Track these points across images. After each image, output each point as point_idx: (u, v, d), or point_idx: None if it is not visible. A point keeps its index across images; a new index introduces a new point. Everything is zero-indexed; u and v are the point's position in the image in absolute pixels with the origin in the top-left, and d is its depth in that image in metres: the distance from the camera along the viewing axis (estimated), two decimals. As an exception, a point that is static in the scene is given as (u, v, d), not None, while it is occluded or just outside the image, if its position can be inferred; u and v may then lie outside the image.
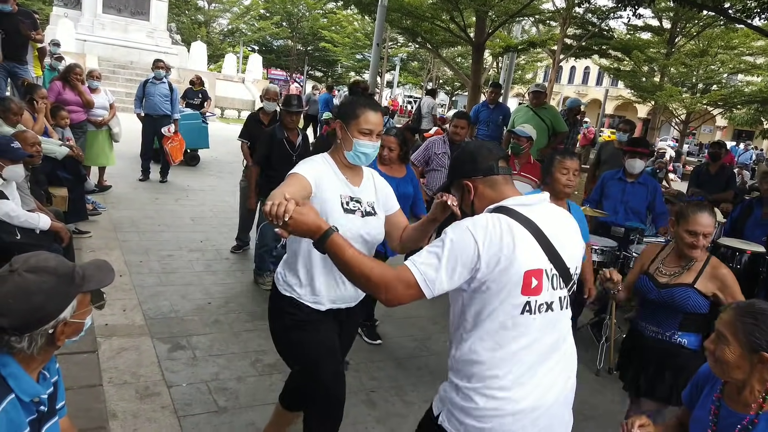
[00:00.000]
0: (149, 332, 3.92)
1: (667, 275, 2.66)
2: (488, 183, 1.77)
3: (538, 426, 1.68)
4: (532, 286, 1.61)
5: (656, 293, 2.63)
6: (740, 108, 25.20)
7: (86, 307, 1.56)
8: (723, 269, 2.60)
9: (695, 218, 2.53)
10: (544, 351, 1.69)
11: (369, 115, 2.18)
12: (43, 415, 1.55)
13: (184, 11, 32.35)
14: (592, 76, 49.32)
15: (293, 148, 4.91)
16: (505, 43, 15.69)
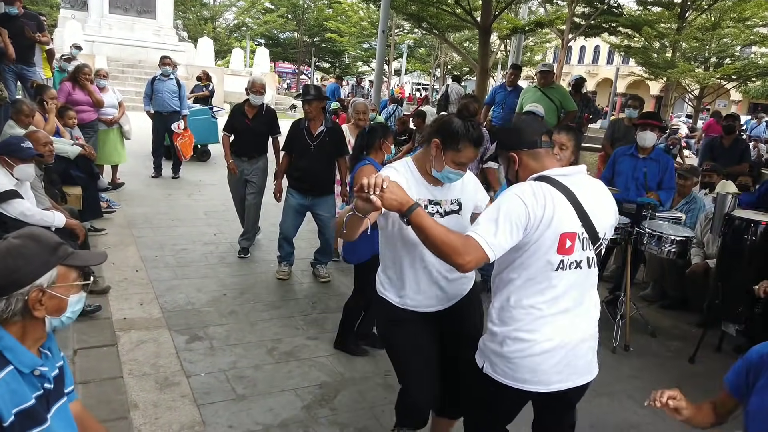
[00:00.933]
0: (167, 324, 3.97)
1: None
2: (532, 155, 1.98)
3: (563, 362, 1.92)
4: (566, 246, 1.86)
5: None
6: (755, 80, 24.75)
7: (69, 282, 1.57)
8: None
9: None
10: (571, 301, 1.92)
11: (469, 151, 2.17)
12: (49, 393, 1.57)
13: (190, 8, 32.33)
14: (602, 54, 48.63)
15: (311, 138, 4.82)
16: (512, 24, 15.50)
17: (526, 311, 1.91)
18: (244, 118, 5.41)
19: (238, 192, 5.63)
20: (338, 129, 4.99)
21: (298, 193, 4.91)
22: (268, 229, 6.48)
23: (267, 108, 5.59)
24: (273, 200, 5.33)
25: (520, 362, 1.93)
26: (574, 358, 1.94)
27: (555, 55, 36.71)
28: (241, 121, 5.39)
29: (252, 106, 5.45)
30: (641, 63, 25.06)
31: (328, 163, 4.89)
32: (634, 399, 3.56)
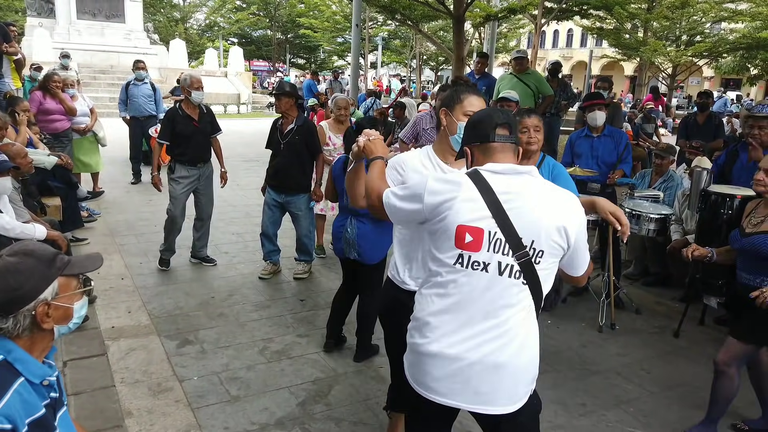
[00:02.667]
0: (156, 331, 3.96)
1: (753, 225, 2.82)
2: (482, 150, 1.85)
3: (457, 377, 1.75)
4: (466, 241, 1.72)
5: (739, 242, 2.81)
6: (726, 56, 25.10)
7: (71, 291, 1.59)
8: None
9: (762, 160, 2.78)
10: (476, 310, 1.74)
11: (472, 99, 2.21)
12: (55, 402, 1.60)
13: (160, 10, 31.95)
14: (575, 38, 48.94)
15: (281, 135, 4.78)
16: (485, 12, 15.53)
17: (425, 299, 1.84)
18: (189, 121, 4.94)
19: (181, 204, 5.04)
20: (310, 127, 4.89)
21: (273, 190, 4.92)
22: (254, 230, 6.47)
23: (205, 106, 5.18)
24: (257, 201, 5.32)
25: (414, 358, 1.85)
26: (471, 376, 1.74)
27: (529, 40, 36.89)
28: (187, 125, 4.92)
29: (193, 106, 4.98)
30: (614, 44, 25.28)
31: (299, 161, 4.80)
32: (623, 375, 3.64)
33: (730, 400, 2.93)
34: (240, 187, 8.67)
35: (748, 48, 21.82)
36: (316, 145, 4.87)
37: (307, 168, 4.90)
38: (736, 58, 26.45)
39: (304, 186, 4.90)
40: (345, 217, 3.58)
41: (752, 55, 23.87)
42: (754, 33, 21.67)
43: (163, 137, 5.00)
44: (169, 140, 4.95)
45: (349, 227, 3.52)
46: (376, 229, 3.48)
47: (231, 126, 17.46)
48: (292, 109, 4.75)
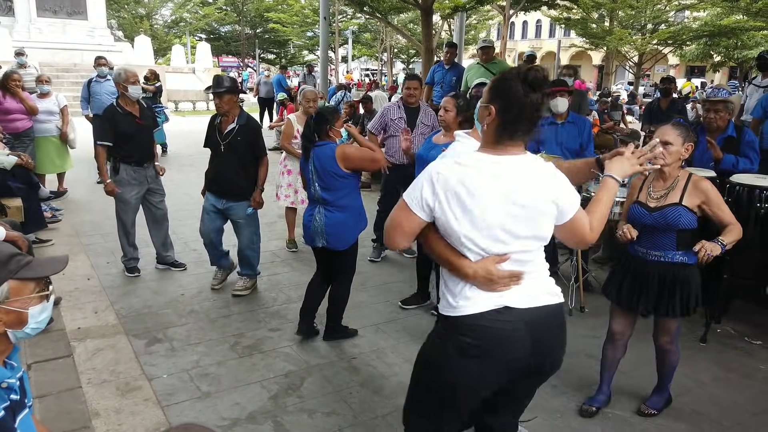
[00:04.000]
0: (124, 330, 3.89)
1: (655, 199, 2.86)
2: None
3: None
4: None
5: (650, 217, 2.83)
6: (689, 44, 25.66)
7: (25, 295, 1.52)
8: (702, 182, 2.81)
9: (658, 130, 2.84)
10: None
11: None
12: (15, 404, 1.54)
13: (124, 6, 31.28)
14: (544, 29, 49.44)
15: (221, 136, 4.34)
16: (453, 3, 15.55)
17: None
18: (131, 119, 4.65)
19: (134, 208, 4.84)
20: (253, 126, 4.43)
21: (213, 195, 4.50)
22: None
23: (144, 101, 5.05)
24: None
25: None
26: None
27: (498, 31, 37.11)
28: (131, 123, 4.63)
29: (132, 102, 4.71)
30: (581, 34, 25.66)
31: (241, 165, 4.36)
32: (594, 357, 3.68)
33: (675, 368, 3.11)
34: (210, 183, 8.57)
35: (710, 35, 22.33)
36: (260, 146, 4.43)
37: (250, 171, 4.43)
38: (699, 46, 27.08)
39: (247, 191, 4.43)
40: (313, 207, 3.65)
41: (715, 43, 24.49)
42: (715, 21, 22.17)
43: (104, 138, 4.62)
44: (112, 141, 4.59)
45: (317, 216, 3.59)
46: (344, 216, 3.58)
47: (200, 122, 17.22)
48: (235, 107, 4.35)
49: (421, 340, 2.07)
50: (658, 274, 2.86)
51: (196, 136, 5.73)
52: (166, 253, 5.07)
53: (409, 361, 3.55)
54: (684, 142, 2.78)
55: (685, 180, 2.83)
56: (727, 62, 28.62)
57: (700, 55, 29.95)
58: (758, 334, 4.06)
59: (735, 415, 3.13)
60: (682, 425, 3.03)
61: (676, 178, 2.85)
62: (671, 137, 2.76)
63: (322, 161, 3.51)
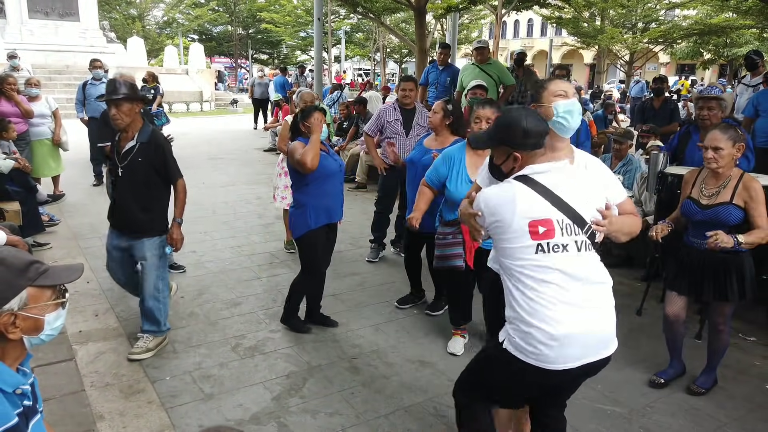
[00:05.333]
0: (125, 333, 3.91)
1: (707, 196, 3.05)
2: (531, 155, 2.04)
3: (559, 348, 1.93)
4: (540, 232, 1.92)
5: (702, 214, 3.03)
6: (680, 42, 25.84)
7: (43, 302, 1.54)
8: (753, 183, 2.97)
9: (707, 136, 3.02)
10: (568, 286, 1.94)
11: (557, 82, 2.31)
12: (28, 410, 1.57)
13: (116, 7, 31.14)
14: (536, 27, 49.55)
15: (119, 157, 3.52)
16: (445, 3, 15.60)
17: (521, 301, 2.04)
18: None
19: None
20: (158, 143, 3.48)
21: (114, 231, 3.69)
22: (222, 228, 6.42)
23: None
24: (223, 199, 5.22)
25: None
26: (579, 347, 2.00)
27: (491, 30, 37.20)
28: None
29: None
30: (573, 33, 25.78)
31: (142, 193, 3.50)
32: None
33: (726, 350, 3.32)
34: (206, 185, 8.58)
35: (700, 34, 22.47)
36: (169, 167, 3.52)
37: (156, 201, 3.57)
38: (689, 44, 27.25)
39: (150, 226, 3.56)
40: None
41: (705, 41, 24.65)
42: (705, 19, 22.34)
43: (103, 139, 4.53)
44: (110, 140, 4.40)
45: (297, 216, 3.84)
46: (296, 211, 3.86)
47: (194, 124, 17.22)
48: (136, 119, 3.45)
49: (421, 340, 2.12)
50: (714, 262, 3.03)
51: (190, 137, 5.76)
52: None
53: (410, 361, 3.61)
54: (735, 143, 2.94)
55: (737, 179, 2.99)
56: (717, 60, 28.81)
57: (690, 53, 30.16)
58: (753, 330, 4.13)
59: (731, 411, 3.19)
60: (680, 421, 3.08)
61: (729, 177, 3.00)
62: (722, 142, 2.92)
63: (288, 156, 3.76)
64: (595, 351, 1.99)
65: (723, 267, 3.03)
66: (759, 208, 2.92)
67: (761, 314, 4.05)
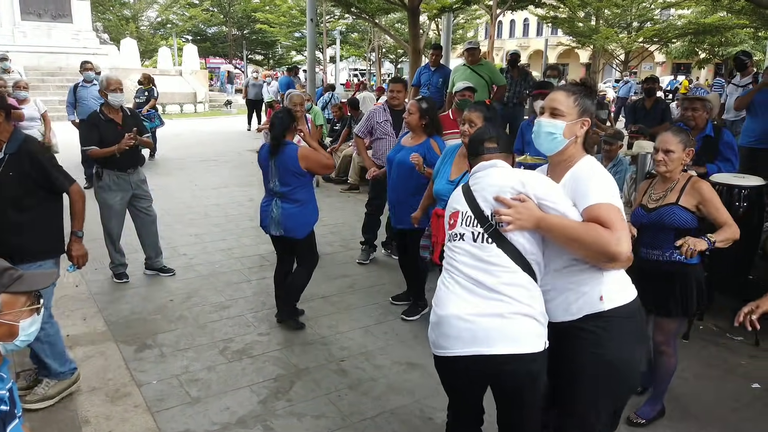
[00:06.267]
0: (113, 337, 3.91)
1: (654, 200, 2.97)
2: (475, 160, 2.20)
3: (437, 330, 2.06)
4: (451, 223, 2.14)
5: (647, 217, 2.93)
6: (675, 42, 25.90)
7: (17, 308, 1.55)
8: (701, 184, 2.89)
9: (658, 138, 2.96)
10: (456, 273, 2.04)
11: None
12: (5, 415, 1.57)
13: (109, 8, 31.08)
14: (532, 27, 49.67)
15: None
16: (440, 3, 15.62)
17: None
18: (113, 126, 4.62)
19: (119, 214, 4.79)
20: (31, 152, 3.00)
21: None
22: (213, 230, 6.41)
23: (129, 108, 4.96)
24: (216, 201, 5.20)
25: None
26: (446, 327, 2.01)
27: (486, 30, 37.23)
28: (112, 129, 4.60)
29: (115, 109, 4.69)
30: (568, 32, 25.80)
31: (14, 211, 2.98)
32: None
33: (672, 375, 3.08)
34: (198, 187, 8.58)
35: (695, 33, 22.51)
36: (52, 177, 3.07)
37: (35, 221, 3.05)
38: (684, 43, 27.32)
39: (27, 250, 3.01)
40: (270, 198, 3.97)
41: (700, 40, 24.68)
42: (699, 19, 22.40)
43: (88, 143, 4.56)
44: (96, 145, 4.56)
45: (274, 208, 3.93)
46: (300, 208, 3.92)
47: (188, 125, 17.19)
48: (3, 129, 2.97)
49: (410, 342, 2.16)
50: (659, 273, 2.91)
51: (183, 139, 5.76)
52: (156, 259, 5.06)
53: (398, 363, 3.61)
54: (685, 148, 2.87)
55: (684, 181, 2.92)
56: (713, 59, 28.89)
57: (685, 52, 30.21)
58: (739, 330, 4.09)
59: (717, 410, 3.20)
60: (665, 421, 3.09)
61: (676, 181, 2.94)
62: (672, 145, 2.86)
63: (285, 160, 3.80)
64: (472, 343, 1.93)
65: (668, 279, 2.88)
66: (715, 205, 2.82)
67: (748, 314, 4.05)
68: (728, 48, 25.76)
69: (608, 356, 1.98)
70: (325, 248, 5.84)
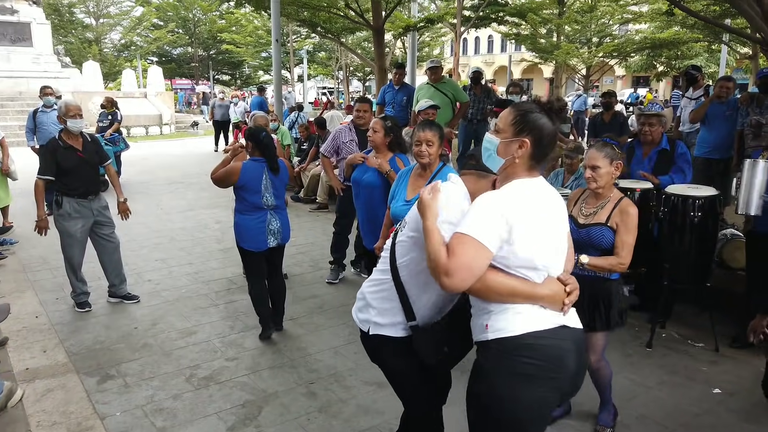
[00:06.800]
0: (74, 368, 3.80)
1: (585, 215, 2.93)
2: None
3: None
4: None
5: (576, 233, 2.82)
6: (633, 56, 26.70)
7: None
8: (629, 208, 2.86)
9: (585, 155, 2.93)
10: None
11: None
12: None
13: (71, 31, 30.66)
14: (496, 44, 50.58)
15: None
16: (404, 23, 15.84)
17: None
18: (73, 152, 4.55)
19: (80, 242, 4.70)
20: None
21: None
22: (179, 255, 6.32)
23: (89, 134, 4.86)
24: (182, 225, 5.13)
25: None
26: None
27: (452, 48, 37.82)
28: (71, 156, 4.53)
29: (74, 136, 4.60)
30: (531, 49, 26.35)
31: None
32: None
33: (610, 381, 3.11)
34: (164, 211, 8.46)
35: (652, 47, 23.23)
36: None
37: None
38: (643, 57, 28.18)
39: None
40: (263, 213, 4.12)
41: (657, 54, 25.49)
42: (656, 33, 23.17)
43: (45, 172, 4.46)
44: (53, 175, 4.48)
45: (272, 220, 4.14)
46: (287, 215, 4.32)
47: (153, 148, 16.97)
48: None
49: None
50: (583, 288, 2.89)
51: (149, 162, 5.68)
52: (119, 286, 4.96)
53: (368, 383, 3.60)
54: (612, 162, 2.86)
55: (615, 201, 2.90)
56: (670, 72, 29.85)
57: (644, 65, 31.14)
58: (700, 337, 4.24)
59: (679, 417, 3.27)
60: (629, 429, 3.14)
61: (608, 198, 2.92)
62: (599, 161, 2.85)
63: (281, 174, 4.16)
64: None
65: (593, 294, 2.85)
66: (626, 235, 2.81)
67: (707, 321, 4.16)
68: (684, 61, 26.65)
69: (481, 389, 1.85)
70: (293, 269, 5.81)
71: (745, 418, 3.23)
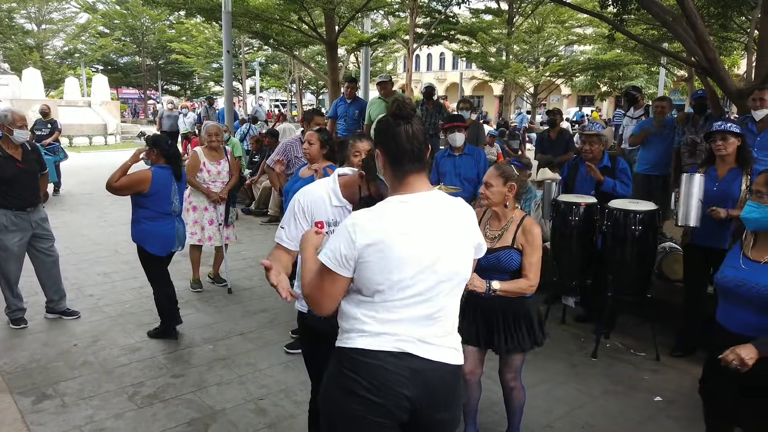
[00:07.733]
0: (8, 388, 3.60)
1: (491, 239, 2.82)
2: None
3: None
4: None
5: (486, 259, 2.65)
6: (578, 75, 27.75)
7: None
8: (533, 227, 2.81)
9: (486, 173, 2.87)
10: None
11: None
12: None
13: (10, 36, 29.40)
14: (447, 60, 51.48)
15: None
16: (357, 38, 15.94)
17: None
18: (12, 162, 4.34)
19: (16, 256, 4.46)
20: None
21: None
22: (123, 268, 6.11)
23: (30, 143, 4.66)
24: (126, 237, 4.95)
25: None
26: None
27: (404, 63, 38.29)
28: (10, 166, 4.32)
29: (14, 145, 4.41)
30: (481, 66, 27.00)
31: None
32: (492, 379, 3.83)
33: (523, 407, 3.09)
34: (107, 223, 8.18)
35: (596, 68, 24.20)
36: None
37: None
38: (587, 77, 29.29)
39: None
40: (171, 219, 4.36)
41: (600, 74, 26.55)
42: (599, 55, 24.18)
43: None
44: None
45: (180, 226, 4.45)
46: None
47: (97, 159, 16.40)
48: None
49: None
50: (501, 310, 2.86)
51: (91, 172, 5.49)
52: (59, 302, 4.74)
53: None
54: (506, 182, 2.77)
55: (518, 222, 2.84)
56: (613, 92, 31.13)
57: (588, 85, 32.35)
58: (643, 346, 4.39)
59: (623, 425, 3.37)
60: (575, 439, 3.21)
61: (511, 219, 2.85)
62: (492, 179, 2.80)
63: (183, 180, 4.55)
64: None
65: (511, 315, 2.84)
66: (532, 256, 2.78)
67: (649, 331, 4.31)
68: (626, 81, 27.83)
69: (322, 392, 1.87)
70: (244, 282, 5.71)
71: (685, 425, 3.35)
